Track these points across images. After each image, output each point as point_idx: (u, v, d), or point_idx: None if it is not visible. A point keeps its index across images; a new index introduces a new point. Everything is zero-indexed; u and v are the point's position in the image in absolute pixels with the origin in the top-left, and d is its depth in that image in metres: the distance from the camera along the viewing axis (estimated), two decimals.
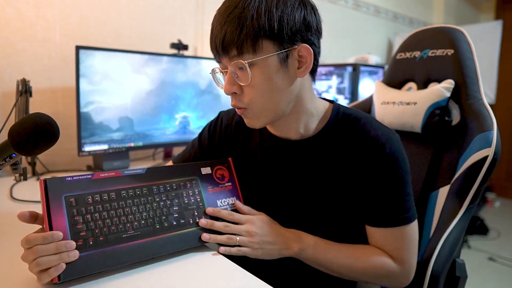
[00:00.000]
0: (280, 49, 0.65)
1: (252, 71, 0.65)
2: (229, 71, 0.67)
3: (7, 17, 1.33)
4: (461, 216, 0.83)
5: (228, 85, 0.68)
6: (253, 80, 0.66)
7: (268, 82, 0.66)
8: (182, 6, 1.81)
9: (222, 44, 0.64)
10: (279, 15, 0.63)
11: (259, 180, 0.82)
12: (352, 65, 2.12)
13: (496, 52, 2.81)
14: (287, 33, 0.64)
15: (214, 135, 0.89)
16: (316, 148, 0.76)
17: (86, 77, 1.30)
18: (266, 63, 0.65)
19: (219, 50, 0.66)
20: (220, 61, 0.69)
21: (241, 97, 0.69)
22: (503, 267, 2.39)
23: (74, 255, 0.57)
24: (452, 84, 0.93)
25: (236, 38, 0.63)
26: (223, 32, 0.64)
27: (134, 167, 1.02)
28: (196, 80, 1.62)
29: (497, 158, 0.81)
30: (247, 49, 0.63)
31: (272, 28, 0.63)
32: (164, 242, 0.67)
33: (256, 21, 0.62)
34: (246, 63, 0.64)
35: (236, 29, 0.62)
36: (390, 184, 0.71)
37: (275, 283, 0.64)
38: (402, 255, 0.73)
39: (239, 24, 0.62)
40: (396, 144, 0.72)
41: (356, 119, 0.75)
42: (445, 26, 1.00)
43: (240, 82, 0.67)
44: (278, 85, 0.67)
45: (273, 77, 0.66)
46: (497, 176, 3.85)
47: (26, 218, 0.59)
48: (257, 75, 0.65)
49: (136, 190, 0.68)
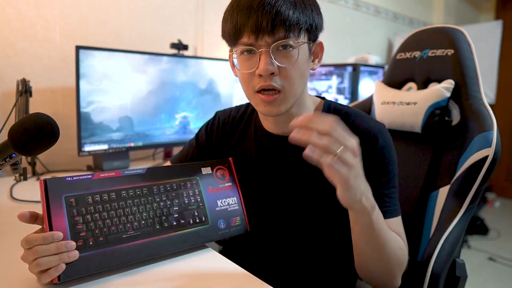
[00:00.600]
0: (310, 40, 0.72)
1: (293, 52, 0.68)
2: (268, 51, 0.67)
3: (7, 17, 1.33)
4: (461, 216, 0.83)
5: (268, 65, 0.67)
6: (298, 61, 0.69)
7: (304, 66, 0.72)
8: (182, 6, 1.81)
9: (273, 21, 0.65)
10: (316, 13, 0.71)
11: (255, 176, 0.82)
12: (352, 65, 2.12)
13: (496, 52, 2.81)
14: (318, 27, 0.72)
15: (212, 134, 0.90)
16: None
17: (86, 77, 1.30)
18: (304, 49, 0.71)
19: (266, 26, 0.65)
20: (255, 42, 0.67)
21: (277, 77, 0.69)
22: (503, 267, 2.39)
23: (74, 255, 0.57)
24: (452, 84, 0.93)
25: (290, 18, 0.66)
26: (275, 9, 0.65)
27: (134, 167, 1.02)
28: (196, 80, 1.62)
29: (497, 158, 0.81)
30: (294, 33, 0.67)
31: (312, 23, 0.70)
32: (164, 242, 0.67)
33: (303, 9, 0.68)
34: (298, 42, 0.68)
35: (290, 9, 0.66)
36: (380, 175, 0.72)
37: (275, 283, 0.64)
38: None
39: (293, 7, 0.66)
40: (386, 136, 0.74)
41: (347, 114, 0.77)
42: (445, 26, 1.00)
43: (281, 63, 0.68)
44: (307, 71, 0.73)
45: (306, 63, 0.72)
46: (497, 176, 3.85)
47: (26, 219, 0.59)
48: (300, 57, 0.69)
49: (136, 190, 0.68)
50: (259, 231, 0.81)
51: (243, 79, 0.73)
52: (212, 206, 0.75)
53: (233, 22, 0.68)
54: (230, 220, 0.77)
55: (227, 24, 0.70)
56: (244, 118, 0.87)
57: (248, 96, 0.74)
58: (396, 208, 0.73)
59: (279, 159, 0.80)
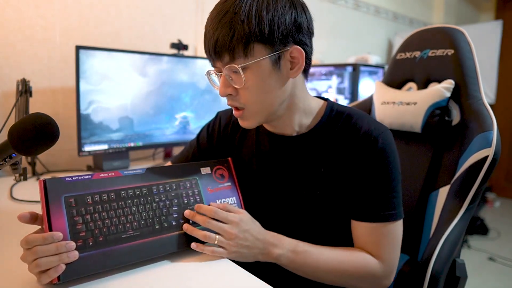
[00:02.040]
0: (272, 51, 0.66)
1: (245, 74, 0.66)
2: (223, 74, 0.68)
3: (7, 17, 1.33)
4: (461, 216, 0.83)
5: (223, 88, 0.69)
6: (247, 83, 0.67)
7: (261, 84, 0.68)
8: (182, 6, 1.81)
9: (215, 48, 0.66)
10: (269, 19, 0.64)
11: (255, 176, 0.82)
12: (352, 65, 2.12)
13: (496, 52, 2.81)
14: (278, 36, 0.65)
15: (213, 134, 0.90)
16: (310, 144, 0.77)
17: (86, 77, 1.30)
18: (259, 66, 0.66)
19: (212, 54, 0.67)
20: (214, 65, 0.70)
21: (237, 98, 0.70)
22: (503, 267, 2.39)
23: (74, 255, 0.57)
24: (452, 84, 0.93)
25: (228, 43, 0.64)
26: (215, 37, 0.65)
27: (134, 167, 1.02)
28: (196, 80, 1.62)
29: (497, 158, 0.81)
30: (239, 54, 0.64)
31: (263, 32, 0.64)
32: (163, 242, 0.67)
33: (246, 25, 0.63)
34: (239, 67, 0.65)
35: (227, 34, 0.63)
36: (378, 177, 0.71)
37: (275, 283, 0.64)
38: (384, 253, 0.72)
39: (230, 29, 0.63)
40: (388, 139, 0.73)
41: (349, 115, 0.76)
42: (445, 26, 1.00)
43: (234, 85, 0.68)
44: (271, 86, 0.68)
45: (266, 79, 0.67)
46: (497, 176, 3.85)
47: (26, 219, 0.58)
48: (250, 78, 0.67)
49: (136, 190, 0.68)
50: None
51: None
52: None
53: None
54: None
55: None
56: None
57: None
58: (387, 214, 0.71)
59: (280, 159, 0.80)
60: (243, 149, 0.85)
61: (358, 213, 0.73)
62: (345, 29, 2.77)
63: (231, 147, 0.87)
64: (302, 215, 0.77)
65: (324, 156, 0.75)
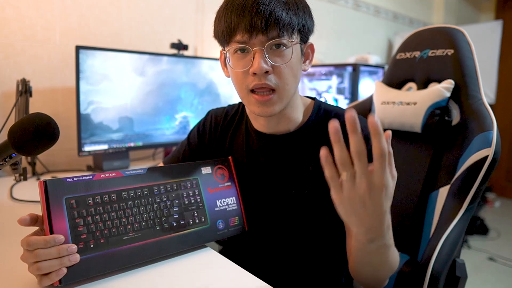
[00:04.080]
0: (302, 41, 0.73)
1: (287, 51, 0.69)
2: (262, 50, 0.67)
3: (7, 17, 1.33)
4: (461, 216, 0.83)
5: (263, 64, 0.67)
6: (291, 60, 0.70)
7: (297, 66, 0.72)
8: (182, 6, 1.81)
9: (267, 20, 0.65)
10: (307, 14, 0.72)
11: (246, 175, 0.82)
12: (352, 65, 2.12)
13: (496, 52, 2.81)
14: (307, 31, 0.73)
15: (204, 134, 0.90)
16: (299, 142, 0.77)
17: (86, 77, 1.30)
18: (296, 49, 0.71)
19: (260, 25, 0.65)
20: (249, 40, 0.67)
21: (271, 76, 0.69)
22: (503, 267, 2.39)
23: (75, 259, 0.57)
24: (452, 84, 0.93)
25: (284, 18, 0.66)
26: (269, 9, 0.66)
27: (134, 167, 1.02)
28: (196, 80, 1.62)
29: (497, 158, 0.81)
30: (288, 33, 0.68)
31: (304, 24, 0.71)
32: (164, 243, 0.67)
33: (296, 10, 0.69)
34: (292, 41, 0.69)
35: (284, 11, 0.67)
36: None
37: (275, 283, 0.64)
38: None
39: (288, 7, 0.67)
40: None
41: (337, 115, 0.78)
42: (445, 26, 1.00)
43: (275, 62, 0.68)
44: (299, 71, 0.74)
45: (298, 63, 0.73)
46: (497, 176, 3.85)
47: (27, 222, 0.58)
48: (293, 56, 0.70)
49: (137, 191, 0.68)
50: (254, 231, 0.81)
51: (236, 79, 0.72)
52: (212, 206, 0.75)
53: (227, 21, 0.68)
54: (228, 220, 0.77)
55: (221, 23, 0.70)
56: (237, 117, 0.87)
57: (242, 96, 0.74)
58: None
59: (269, 158, 0.80)
60: (234, 148, 0.85)
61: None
62: (345, 29, 2.77)
63: (222, 146, 0.87)
64: (292, 213, 0.77)
65: (312, 155, 0.75)
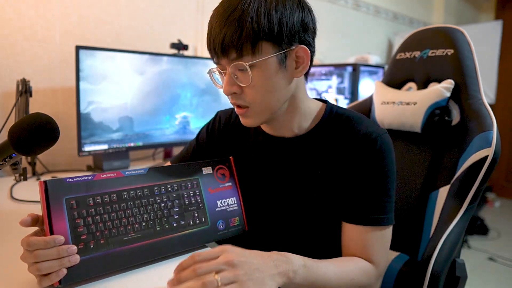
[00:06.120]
0: (279, 50, 0.66)
1: (252, 72, 0.65)
2: (228, 72, 0.67)
3: (7, 17, 1.33)
4: (461, 216, 0.83)
5: (228, 86, 0.68)
6: (254, 81, 0.66)
7: (268, 82, 0.67)
8: (182, 6, 1.81)
9: (221, 45, 0.64)
10: (278, 17, 0.64)
11: (253, 177, 0.82)
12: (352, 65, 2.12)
13: (496, 52, 2.81)
14: (286, 35, 0.65)
15: (213, 134, 0.90)
16: (308, 146, 0.77)
17: (86, 77, 1.30)
18: (265, 64, 0.65)
19: (218, 51, 0.66)
20: (219, 62, 0.69)
21: (242, 96, 0.69)
22: (503, 267, 2.39)
23: (75, 260, 0.57)
24: (452, 84, 0.93)
25: (236, 40, 0.63)
26: (222, 34, 0.64)
27: (134, 167, 1.02)
28: (196, 80, 1.62)
29: (497, 158, 0.81)
30: (247, 52, 0.64)
31: (272, 31, 0.63)
32: (164, 244, 0.67)
33: (256, 23, 0.62)
34: (247, 65, 0.64)
35: (236, 32, 0.62)
36: (374, 179, 0.70)
37: None
38: (376, 257, 0.71)
39: (239, 27, 0.62)
40: (386, 142, 0.72)
41: (349, 118, 0.76)
42: (445, 26, 1.00)
43: (240, 83, 0.67)
44: (277, 84, 0.68)
45: (273, 77, 0.67)
46: (497, 176, 3.85)
47: (28, 224, 0.57)
48: (257, 76, 0.66)
49: (138, 191, 0.68)
50: (257, 232, 0.81)
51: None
52: (212, 206, 0.75)
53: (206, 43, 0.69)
54: (229, 220, 0.76)
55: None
56: None
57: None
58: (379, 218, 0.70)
59: (278, 160, 0.79)
60: (242, 150, 0.85)
61: (350, 215, 0.72)
62: (345, 29, 2.77)
63: (230, 147, 0.87)
64: (299, 216, 0.77)
65: (321, 158, 0.75)
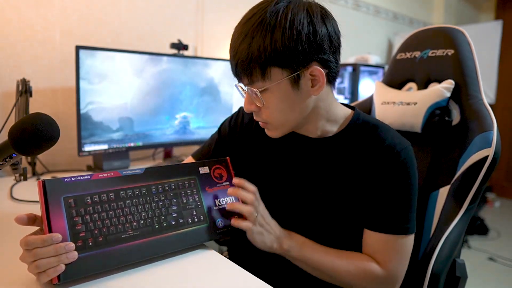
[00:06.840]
0: (289, 73, 0.66)
1: (264, 95, 0.69)
2: (247, 92, 0.71)
3: (7, 17, 1.33)
4: (461, 216, 0.83)
5: (247, 105, 0.73)
6: (267, 103, 0.70)
7: (280, 104, 0.70)
8: (182, 6, 1.81)
9: (235, 71, 0.70)
10: (286, 45, 0.63)
11: (273, 173, 0.83)
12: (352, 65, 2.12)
13: (496, 52, 2.81)
14: (295, 60, 0.65)
15: (236, 127, 0.90)
16: (331, 148, 0.77)
17: (86, 77, 1.30)
18: (277, 88, 0.68)
19: (234, 74, 0.71)
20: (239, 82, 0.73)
21: (259, 114, 0.73)
22: (503, 267, 2.39)
23: (73, 256, 0.57)
24: (452, 84, 0.93)
25: (246, 68, 0.66)
26: (235, 60, 0.67)
27: (134, 167, 1.02)
28: (196, 80, 1.62)
29: (497, 158, 0.81)
30: (257, 77, 0.67)
31: (280, 57, 0.64)
32: (163, 242, 0.67)
33: (263, 51, 0.64)
34: (258, 91, 0.68)
35: (245, 60, 0.65)
36: (398, 190, 0.72)
37: (274, 283, 0.64)
38: (392, 265, 0.72)
39: (247, 55, 0.65)
40: (410, 154, 0.74)
41: (375, 126, 0.77)
42: (445, 26, 1.00)
43: (256, 103, 0.71)
44: (292, 104, 0.70)
45: (286, 99, 0.69)
46: (497, 176, 3.85)
47: (24, 221, 0.58)
48: (270, 99, 0.69)
49: (135, 190, 0.68)
50: None
51: None
52: (210, 205, 0.76)
53: None
54: (228, 219, 0.76)
55: None
56: None
57: None
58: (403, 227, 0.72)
59: (299, 159, 0.80)
60: (265, 145, 0.85)
61: (372, 223, 0.74)
62: (345, 29, 2.75)
63: (253, 142, 0.86)
64: (314, 215, 0.78)
65: (343, 162, 0.76)
